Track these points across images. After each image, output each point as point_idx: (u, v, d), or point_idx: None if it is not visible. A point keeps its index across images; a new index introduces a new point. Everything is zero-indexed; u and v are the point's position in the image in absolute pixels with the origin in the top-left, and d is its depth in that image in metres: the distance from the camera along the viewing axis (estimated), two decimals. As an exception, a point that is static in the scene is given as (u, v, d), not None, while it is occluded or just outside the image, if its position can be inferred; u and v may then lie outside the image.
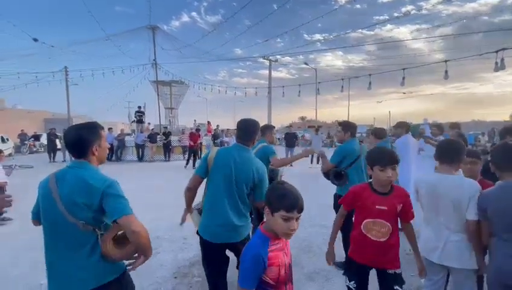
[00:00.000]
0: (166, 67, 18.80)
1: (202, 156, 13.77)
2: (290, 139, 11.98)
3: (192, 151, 11.53)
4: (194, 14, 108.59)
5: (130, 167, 11.62)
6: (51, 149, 13.33)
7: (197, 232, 2.00)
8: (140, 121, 14.88)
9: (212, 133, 16.06)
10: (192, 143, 11.55)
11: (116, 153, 13.59)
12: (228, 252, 2.05)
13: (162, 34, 18.61)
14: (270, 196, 1.22)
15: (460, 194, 1.74)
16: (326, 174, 3.07)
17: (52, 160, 13.14)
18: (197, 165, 10.84)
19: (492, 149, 1.93)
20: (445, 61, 8.40)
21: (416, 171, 4.79)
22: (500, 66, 7.27)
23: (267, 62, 22.44)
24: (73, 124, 1.69)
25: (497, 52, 7.27)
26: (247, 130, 2.03)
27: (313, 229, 4.25)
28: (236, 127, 2.12)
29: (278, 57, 22.52)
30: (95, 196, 1.28)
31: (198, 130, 12.98)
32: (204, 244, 1.95)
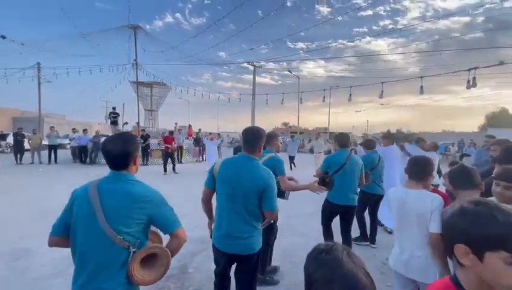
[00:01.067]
0: (148, 68, 18.31)
1: (182, 159, 13.86)
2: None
3: (168, 155, 11.04)
4: (178, 15, 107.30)
5: (104, 171, 10.88)
6: (18, 150, 12.39)
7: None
8: (114, 123, 14.27)
9: (194, 136, 15.79)
10: (168, 146, 11.12)
11: (90, 155, 12.90)
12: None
13: (144, 35, 18.17)
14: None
15: (423, 208, 1.79)
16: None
17: (18, 162, 12.25)
18: (177, 169, 10.77)
19: (451, 169, 2.00)
20: (421, 77, 8.88)
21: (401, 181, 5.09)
22: (472, 84, 7.75)
23: (251, 67, 22.56)
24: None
25: (469, 70, 7.76)
26: (251, 139, 1.97)
27: (293, 239, 4.22)
28: (241, 137, 2.09)
29: (262, 62, 22.70)
30: (147, 209, 1.29)
31: (172, 132, 12.57)
32: (214, 249, 2.02)
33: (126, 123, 17.04)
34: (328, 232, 3.49)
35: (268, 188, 1.85)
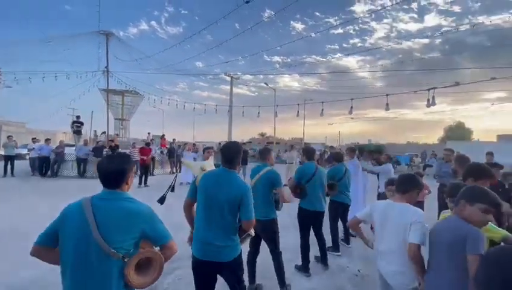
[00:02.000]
0: (120, 76, 17.63)
1: (154, 171, 13.26)
2: (243, 157, 12.00)
3: (144, 168, 10.63)
4: (153, 23, 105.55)
5: (68, 184, 10.27)
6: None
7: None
8: (78, 132, 13.45)
9: (167, 147, 15.30)
10: (144, 158, 10.69)
11: (52, 167, 11.91)
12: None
13: (117, 41, 17.59)
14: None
15: (404, 219, 1.87)
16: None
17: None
18: (149, 183, 10.25)
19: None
20: (386, 95, 9.60)
21: (364, 191, 5.59)
22: (431, 103, 8.49)
23: (228, 78, 22.67)
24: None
25: (428, 90, 8.50)
26: (229, 155, 2.11)
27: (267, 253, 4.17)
28: (220, 151, 2.22)
29: (239, 74, 22.93)
30: (140, 225, 1.35)
31: (148, 144, 12.15)
32: (193, 259, 2.05)
33: (104, 133, 16.25)
34: (306, 242, 3.68)
35: (245, 198, 1.97)
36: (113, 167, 1.41)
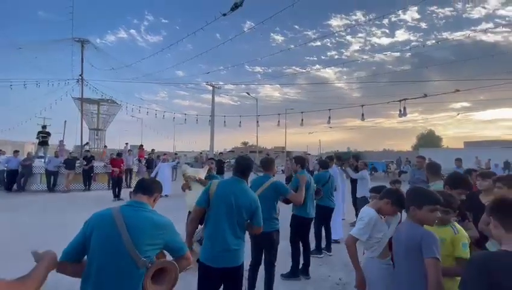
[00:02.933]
0: (96, 85, 17.00)
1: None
2: (220, 166, 11.91)
3: (116, 180, 10.07)
4: (133, 31, 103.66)
5: (36, 199, 9.59)
6: None
7: (198, 260, 2.20)
8: (44, 143, 12.68)
9: (146, 157, 14.81)
10: (116, 170, 10.16)
11: (18, 181, 11.01)
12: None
13: (93, 49, 17.04)
14: None
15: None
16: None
17: None
18: (123, 194, 9.73)
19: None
20: (362, 105, 10.10)
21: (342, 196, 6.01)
22: (403, 113, 9.03)
23: (210, 87, 22.59)
24: None
25: (400, 101, 9.04)
26: (245, 166, 2.35)
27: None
28: (235, 163, 2.43)
29: (221, 83, 22.96)
30: (165, 236, 1.47)
31: (120, 154, 11.63)
32: (204, 270, 2.10)
33: (87, 143, 15.50)
34: (297, 249, 3.74)
35: (259, 208, 2.23)
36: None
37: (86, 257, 1.43)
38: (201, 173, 4.11)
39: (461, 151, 27.31)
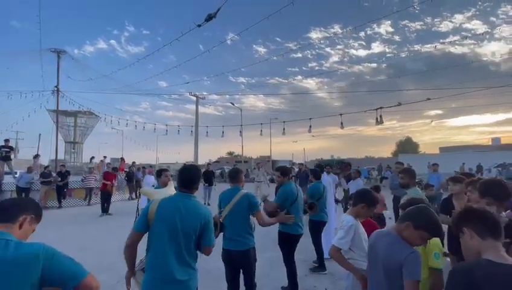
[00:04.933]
0: (73, 96, 16.49)
1: (111, 197, 12.20)
2: (208, 177, 11.65)
3: (106, 194, 9.72)
4: (113, 42, 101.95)
5: None
6: None
7: None
8: (6, 158, 11.91)
9: (126, 170, 14.29)
10: (108, 183, 9.77)
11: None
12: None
13: (70, 60, 16.58)
14: None
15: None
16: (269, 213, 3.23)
17: None
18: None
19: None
20: (340, 114, 10.46)
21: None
22: (379, 121, 9.38)
23: (193, 97, 22.43)
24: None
25: (376, 109, 9.42)
26: (190, 178, 2.00)
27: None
28: (178, 175, 2.04)
29: (205, 93, 22.88)
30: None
31: (115, 169, 11.31)
32: None
33: (38, 155, 14.67)
34: (294, 268, 3.43)
35: (208, 224, 1.93)
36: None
37: None
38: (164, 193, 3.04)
39: (437, 156, 28.59)
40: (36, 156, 14.18)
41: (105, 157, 15.60)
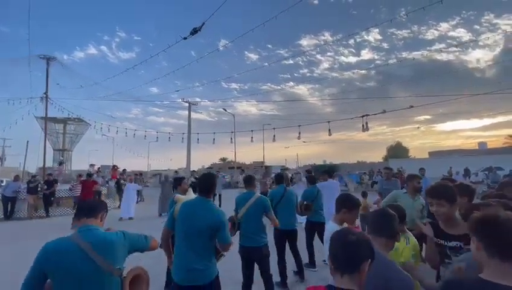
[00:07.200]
0: (62, 103, 16.22)
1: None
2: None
3: None
4: (103, 48, 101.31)
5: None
6: None
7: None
8: None
9: (118, 178, 14.05)
10: (85, 193, 9.26)
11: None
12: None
13: (59, 66, 16.34)
14: None
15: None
16: None
17: None
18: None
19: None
20: (328, 121, 10.67)
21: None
22: (366, 128, 9.56)
23: (185, 103, 22.33)
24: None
25: (362, 116, 9.59)
26: (207, 184, 2.31)
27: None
28: (198, 182, 2.41)
29: (198, 99, 22.81)
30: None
31: (90, 175, 10.79)
32: (174, 285, 2.18)
33: (92, 165, 14.43)
34: (282, 259, 3.89)
35: (222, 226, 2.18)
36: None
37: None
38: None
39: (426, 160, 29.12)
40: (61, 163, 13.88)
41: (92, 165, 15.32)
